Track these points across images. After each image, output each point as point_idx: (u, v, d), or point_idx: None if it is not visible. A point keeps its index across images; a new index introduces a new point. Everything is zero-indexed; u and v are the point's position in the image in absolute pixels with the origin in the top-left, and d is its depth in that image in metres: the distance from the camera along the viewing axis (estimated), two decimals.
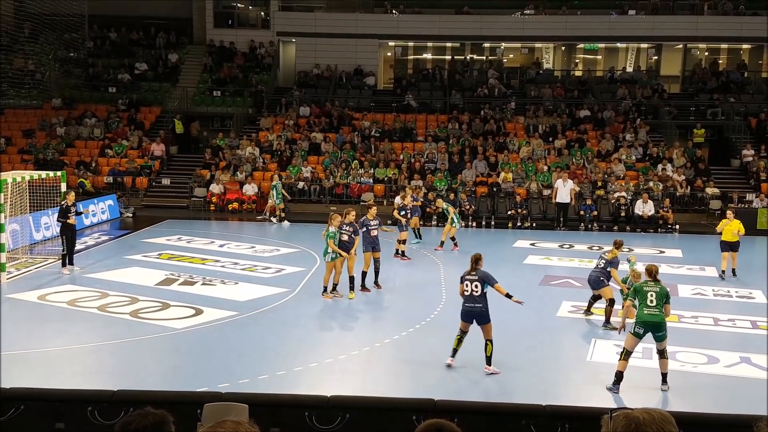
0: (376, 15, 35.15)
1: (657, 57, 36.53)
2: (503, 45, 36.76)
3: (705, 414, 7.94)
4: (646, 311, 9.82)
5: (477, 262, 10.61)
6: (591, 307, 13.69)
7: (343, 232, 14.46)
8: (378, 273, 15.65)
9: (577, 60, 37.76)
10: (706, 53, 36.73)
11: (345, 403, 7.14)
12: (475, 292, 10.41)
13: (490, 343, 10.45)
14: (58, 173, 19.52)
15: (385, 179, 27.73)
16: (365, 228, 15.26)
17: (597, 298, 13.52)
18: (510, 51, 37.42)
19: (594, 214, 24.79)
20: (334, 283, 14.85)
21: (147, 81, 33.64)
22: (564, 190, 24.44)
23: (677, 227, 24.37)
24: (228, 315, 13.40)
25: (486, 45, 37.12)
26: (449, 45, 36.93)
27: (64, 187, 19.05)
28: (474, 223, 24.79)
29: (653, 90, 32.98)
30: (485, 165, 28.20)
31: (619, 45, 36.78)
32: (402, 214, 19.29)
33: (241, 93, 32.99)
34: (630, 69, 35.93)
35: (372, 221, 15.45)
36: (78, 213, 17.50)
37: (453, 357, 10.66)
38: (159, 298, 14.51)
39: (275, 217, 24.91)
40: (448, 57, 36.97)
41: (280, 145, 29.36)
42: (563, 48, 36.88)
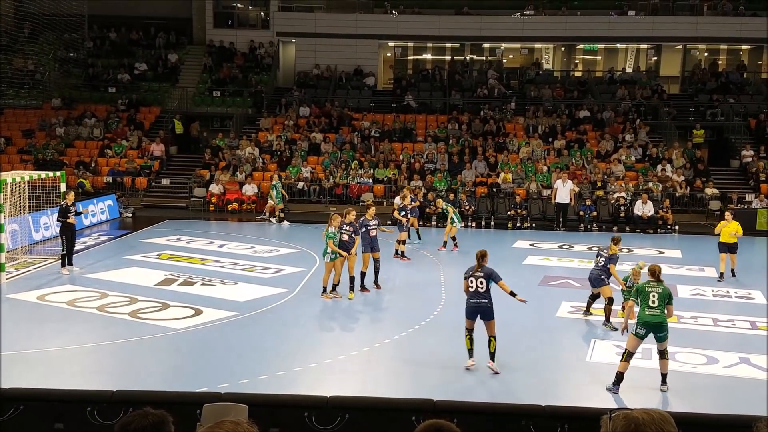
0: (375, 15, 35.16)
1: (656, 58, 36.54)
2: (503, 45, 36.77)
3: (704, 414, 7.94)
4: (647, 312, 9.80)
5: (483, 258, 10.56)
6: (590, 308, 13.70)
7: (344, 232, 14.46)
8: (378, 273, 15.65)
9: (577, 60, 37.77)
10: (705, 54, 36.72)
11: (344, 404, 7.14)
12: (481, 288, 10.36)
13: (493, 339, 10.44)
14: (57, 173, 19.49)
15: (385, 180, 27.72)
16: (364, 228, 15.25)
17: (595, 297, 13.52)
18: (510, 51, 37.43)
19: (593, 214, 24.79)
20: (333, 284, 14.85)
21: (147, 81, 33.63)
22: (563, 190, 24.46)
23: (677, 228, 24.38)
24: (227, 315, 13.40)
25: (486, 45, 37.13)
26: (449, 45, 36.92)
27: (63, 187, 19.02)
28: (474, 224, 24.78)
29: (653, 90, 32.99)
30: (485, 165, 28.20)
31: (619, 45, 36.79)
32: (402, 214, 19.32)
33: (241, 93, 32.98)
34: (629, 69, 35.95)
35: (371, 221, 15.45)
36: (77, 213, 17.50)
37: (471, 357, 10.57)
38: (158, 298, 14.50)
39: (275, 218, 24.90)
40: (447, 57, 36.97)
41: (279, 146, 29.35)
42: (563, 48, 36.89)
